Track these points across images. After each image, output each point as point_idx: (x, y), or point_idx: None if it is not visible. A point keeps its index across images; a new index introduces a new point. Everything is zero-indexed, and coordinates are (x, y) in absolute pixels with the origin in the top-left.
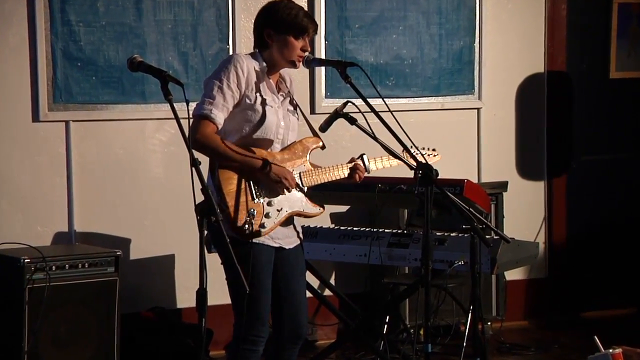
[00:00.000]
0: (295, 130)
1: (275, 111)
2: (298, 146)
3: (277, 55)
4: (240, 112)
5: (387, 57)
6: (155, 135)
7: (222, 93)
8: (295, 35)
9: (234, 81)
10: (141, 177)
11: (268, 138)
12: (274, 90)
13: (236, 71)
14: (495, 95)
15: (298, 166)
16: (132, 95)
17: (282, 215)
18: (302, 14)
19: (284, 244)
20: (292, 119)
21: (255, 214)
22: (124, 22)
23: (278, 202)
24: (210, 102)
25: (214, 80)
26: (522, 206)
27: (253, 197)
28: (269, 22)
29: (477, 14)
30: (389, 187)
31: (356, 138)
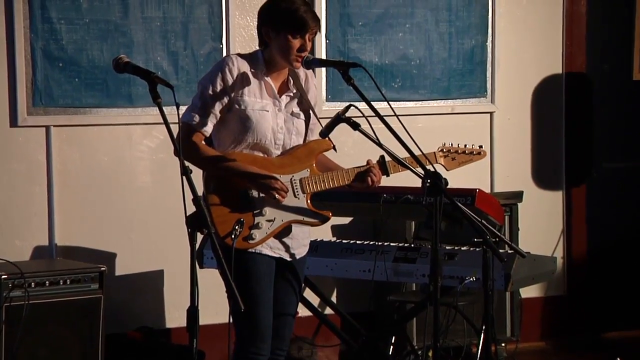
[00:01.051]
0: (300, 134)
1: (273, 115)
2: (302, 150)
3: (275, 54)
4: (231, 117)
5: (393, 57)
6: (143, 142)
7: (209, 99)
8: (293, 32)
9: (221, 85)
10: (128, 187)
11: (264, 144)
12: (273, 92)
13: (223, 75)
14: (509, 99)
15: (299, 172)
16: (117, 98)
17: (275, 225)
18: (302, 9)
19: (284, 256)
20: (297, 122)
21: (244, 224)
22: (109, 19)
23: (270, 211)
24: (196, 109)
25: (202, 86)
26: (538, 218)
27: (242, 207)
28: (267, 19)
29: (489, 11)
30: (395, 197)
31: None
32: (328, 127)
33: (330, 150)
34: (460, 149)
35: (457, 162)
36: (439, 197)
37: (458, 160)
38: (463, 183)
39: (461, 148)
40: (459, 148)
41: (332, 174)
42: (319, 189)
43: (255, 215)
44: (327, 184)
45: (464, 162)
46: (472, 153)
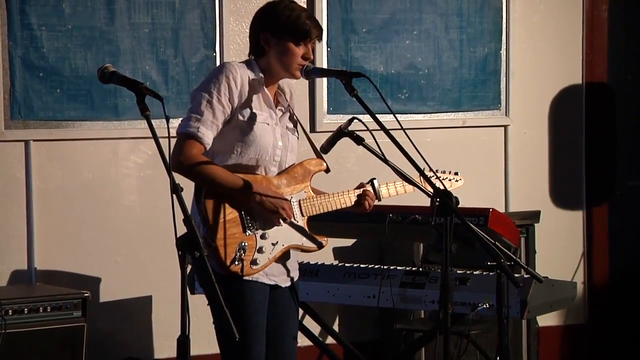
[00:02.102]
0: (294, 152)
1: (272, 129)
2: (298, 170)
3: (274, 63)
4: (232, 130)
5: (400, 66)
6: (130, 157)
7: (211, 108)
8: (296, 40)
9: (226, 94)
10: (113, 206)
11: (263, 160)
12: (271, 104)
13: (228, 83)
14: (525, 111)
15: (297, 193)
16: (102, 110)
17: (277, 249)
18: (305, 16)
19: (279, 282)
20: (292, 139)
21: (246, 248)
22: (94, 25)
23: (273, 234)
24: (197, 119)
25: (203, 93)
26: (557, 240)
27: (245, 229)
28: (267, 24)
29: (504, 16)
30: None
31: (363, 160)
32: (330, 142)
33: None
34: (440, 175)
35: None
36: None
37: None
38: (475, 202)
39: (440, 174)
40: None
41: (329, 196)
42: (317, 212)
43: (259, 238)
44: (325, 207)
45: None
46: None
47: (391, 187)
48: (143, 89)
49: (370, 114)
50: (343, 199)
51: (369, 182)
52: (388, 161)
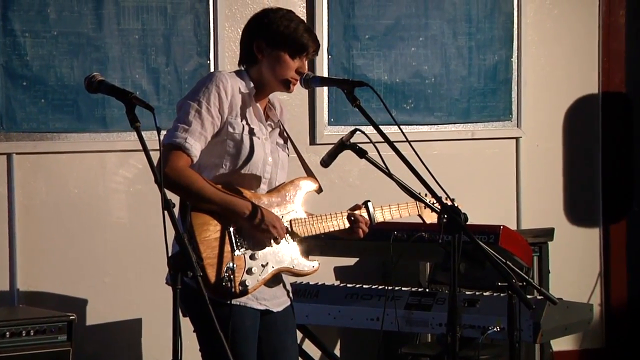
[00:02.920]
0: (285, 169)
1: (263, 144)
2: (289, 188)
3: (267, 73)
4: (220, 143)
5: (405, 74)
6: (119, 171)
7: (200, 118)
8: (292, 52)
9: (215, 105)
10: (101, 223)
11: (252, 176)
12: (261, 118)
13: (218, 92)
14: (538, 122)
15: (288, 212)
16: (90, 121)
17: (267, 272)
18: (303, 28)
19: (271, 306)
20: (282, 155)
21: (235, 269)
22: (81, 31)
23: (263, 255)
24: (184, 129)
25: (191, 102)
26: (572, 259)
27: (233, 249)
28: (262, 32)
29: (515, 22)
30: (407, 234)
31: (366, 174)
32: (330, 155)
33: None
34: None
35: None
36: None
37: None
38: (485, 219)
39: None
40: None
41: (322, 217)
42: (309, 234)
43: (248, 259)
44: (317, 229)
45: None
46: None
47: (386, 211)
48: (133, 99)
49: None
50: (336, 222)
51: (364, 204)
52: (392, 175)
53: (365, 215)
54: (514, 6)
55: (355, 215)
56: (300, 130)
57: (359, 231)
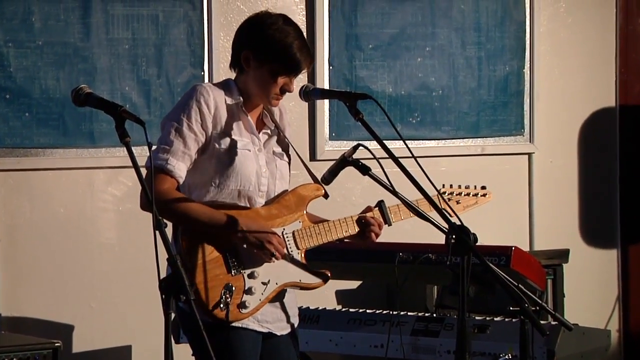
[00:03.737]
0: (285, 179)
1: (255, 156)
2: (290, 198)
3: (251, 85)
4: (208, 160)
5: (410, 86)
6: (108, 189)
7: (181, 137)
8: (281, 70)
9: (197, 120)
10: (88, 244)
11: (247, 191)
12: (252, 129)
13: (199, 107)
14: (551, 137)
15: (290, 223)
16: (77, 136)
17: (270, 289)
18: (298, 44)
19: (274, 329)
20: (281, 165)
21: (233, 290)
22: (67, 41)
23: (264, 272)
24: (165, 150)
25: (171, 122)
26: (588, 282)
27: (229, 269)
28: (251, 43)
29: (527, 31)
30: (413, 256)
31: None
32: (332, 172)
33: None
34: (463, 190)
35: (461, 205)
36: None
37: (463, 204)
38: (496, 239)
39: (464, 189)
40: (462, 189)
41: (329, 225)
42: (315, 244)
43: (247, 278)
44: (324, 238)
45: (470, 206)
46: (477, 195)
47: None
48: (122, 113)
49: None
50: (346, 225)
51: (377, 206)
52: (397, 193)
53: (378, 216)
54: (526, 14)
55: (365, 217)
56: (300, 146)
57: (372, 235)
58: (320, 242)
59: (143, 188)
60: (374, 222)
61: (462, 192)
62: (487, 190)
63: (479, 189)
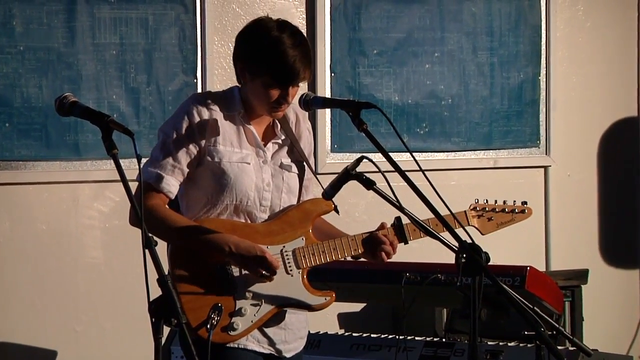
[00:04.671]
0: (293, 192)
1: (257, 169)
2: (294, 213)
3: (250, 97)
4: (201, 174)
5: (418, 95)
6: (93, 205)
7: (170, 150)
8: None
9: (187, 132)
10: (72, 264)
11: (245, 207)
12: (256, 140)
13: (190, 118)
14: (569, 149)
15: (292, 240)
16: (60, 148)
17: (263, 311)
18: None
19: (275, 351)
20: (289, 177)
21: (222, 310)
22: (50, 46)
23: (256, 293)
24: (155, 164)
25: (163, 134)
26: (608, 304)
27: (219, 289)
28: (243, 55)
29: (543, 36)
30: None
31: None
32: (334, 186)
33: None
34: (498, 207)
35: (494, 223)
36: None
37: (496, 221)
38: (509, 258)
39: (499, 205)
40: (496, 205)
41: (335, 242)
42: (318, 263)
43: (236, 299)
44: (328, 256)
45: (504, 224)
46: (514, 211)
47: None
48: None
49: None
50: (354, 243)
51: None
52: (404, 209)
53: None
54: (542, 18)
55: (377, 235)
56: None
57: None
58: (323, 261)
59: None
60: (385, 241)
61: (495, 208)
62: (527, 207)
63: (518, 204)
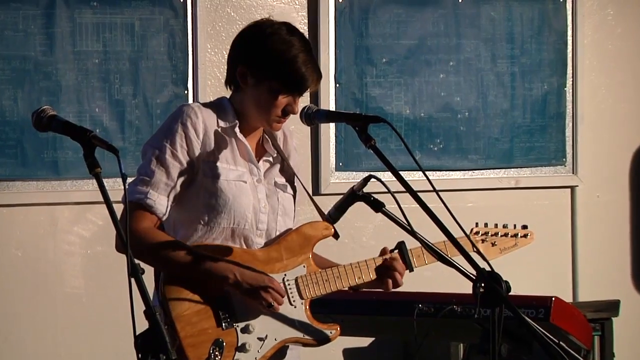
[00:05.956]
0: (288, 215)
1: (252, 188)
2: (294, 238)
3: (249, 106)
4: (194, 193)
5: (431, 107)
6: (73, 229)
7: (163, 166)
8: (282, 88)
9: (183, 147)
10: (51, 294)
11: (242, 230)
12: (250, 156)
13: (185, 131)
14: (598, 167)
15: (293, 268)
16: (37, 167)
17: (268, 346)
18: (303, 58)
19: None
20: (283, 198)
21: (224, 346)
22: (27, 54)
23: (260, 326)
24: (146, 182)
25: (153, 148)
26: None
27: (219, 322)
28: (247, 56)
29: (569, 43)
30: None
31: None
32: (338, 208)
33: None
34: (500, 230)
35: (497, 248)
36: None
37: (499, 247)
38: (533, 288)
39: (501, 229)
40: (498, 229)
41: (338, 270)
42: (321, 293)
43: (240, 333)
44: (333, 285)
45: (507, 249)
46: (516, 235)
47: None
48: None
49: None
50: (359, 271)
51: (397, 248)
52: (416, 233)
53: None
54: (568, 23)
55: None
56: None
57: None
58: (327, 291)
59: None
60: (397, 267)
61: (498, 232)
62: (529, 230)
63: (518, 229)
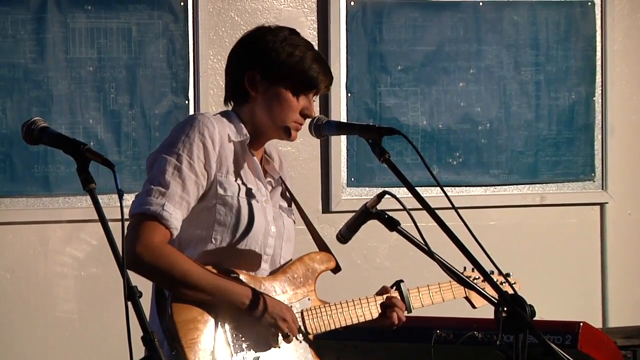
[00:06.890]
0: (291, 241)
1: (263, 209)
2: (298, 268)
3: (261, 115)
4: (207, 209)
5: (450, 118)
6: (66, 249)
7: (180, 178)
8: (296, 89)
9: (200, 159)
10: (42, 317)
11: (253, 252)
12: (259, 174)
13: (203, 142)
14: (629, 183)
15: (299, 300)
16: (27, 182)
17: None
18: (312, 56)
19: None
20: (287, 223)
21: None
22: (16, 62)
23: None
24: (161, 193)
25: (167, 157)
26: None
27: (231, 352)
28: (256, 61)
29: (598, 49)
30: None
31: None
32: (350, 227)
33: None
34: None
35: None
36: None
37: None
38: (560, 313)
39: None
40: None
41: (342, 305)
42: (327, 329)
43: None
44: (335, 322)
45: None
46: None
47: (424, 293)
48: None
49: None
50: (361, 310)
51: (394, 286)
52: (433, 254)
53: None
54: (597, 27)
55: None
56: (310, 194)
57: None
58: (330, 328)
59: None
60: (399, 304)
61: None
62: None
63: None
